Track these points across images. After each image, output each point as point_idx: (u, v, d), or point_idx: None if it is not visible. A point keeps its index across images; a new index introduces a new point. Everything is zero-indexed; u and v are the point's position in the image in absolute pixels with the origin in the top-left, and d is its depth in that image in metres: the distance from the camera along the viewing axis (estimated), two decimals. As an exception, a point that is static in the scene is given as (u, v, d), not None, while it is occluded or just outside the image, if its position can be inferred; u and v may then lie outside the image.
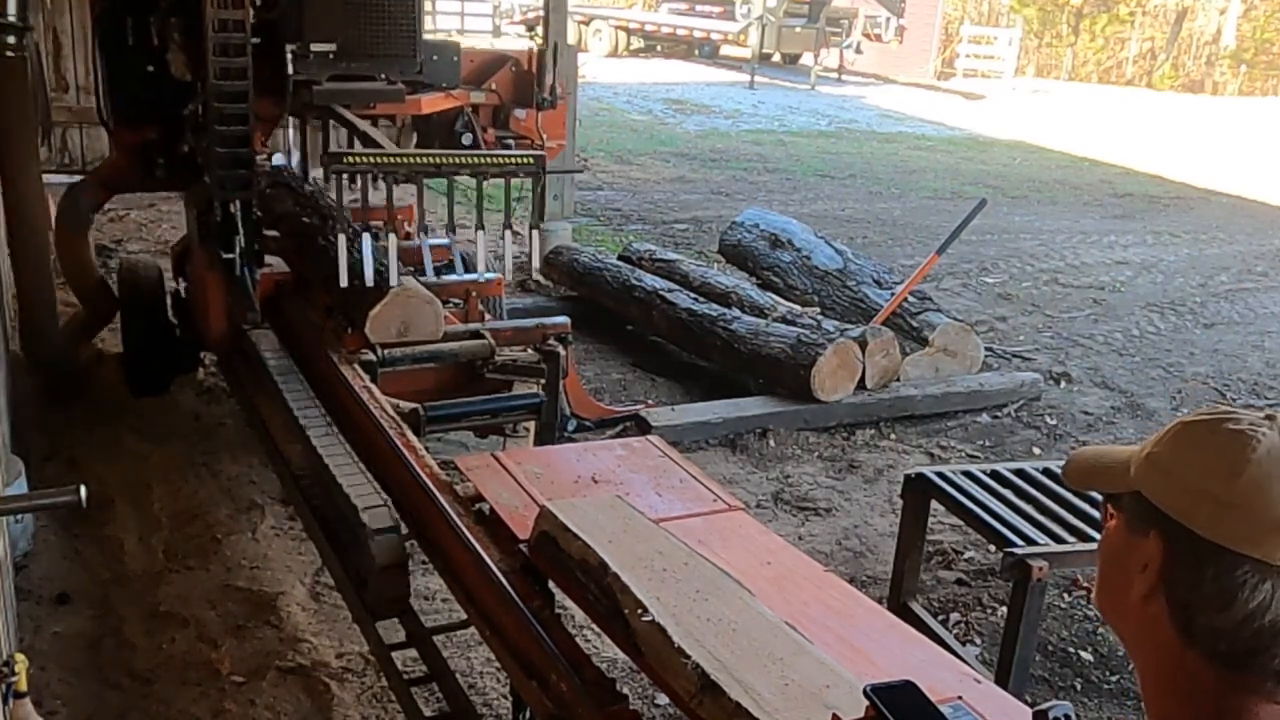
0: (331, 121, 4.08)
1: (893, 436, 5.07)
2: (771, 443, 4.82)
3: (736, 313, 5.53)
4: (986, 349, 5.94)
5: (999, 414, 5.42)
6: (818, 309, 5.90)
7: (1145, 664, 1.08)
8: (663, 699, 2.92)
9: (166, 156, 4.24)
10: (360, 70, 3.81)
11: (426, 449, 2.96)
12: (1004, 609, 3.40)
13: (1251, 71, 26.10)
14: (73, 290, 4.71)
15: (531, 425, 3.67)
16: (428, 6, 8.15)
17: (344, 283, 3.24)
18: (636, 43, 21.93)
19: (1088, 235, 9.59)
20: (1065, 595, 3.78)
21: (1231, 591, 0.97)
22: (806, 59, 21.08)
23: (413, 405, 3.39)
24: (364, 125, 3.87)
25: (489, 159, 3.47)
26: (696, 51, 22.12)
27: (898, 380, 5.28)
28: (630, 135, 12.82)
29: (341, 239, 3.22)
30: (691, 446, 4.66)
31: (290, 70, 3.67)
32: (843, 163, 12.47)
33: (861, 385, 5.12)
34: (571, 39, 12.91)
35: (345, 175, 3.29)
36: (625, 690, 2.11)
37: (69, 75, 7.98)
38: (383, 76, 3.90)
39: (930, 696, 1.37)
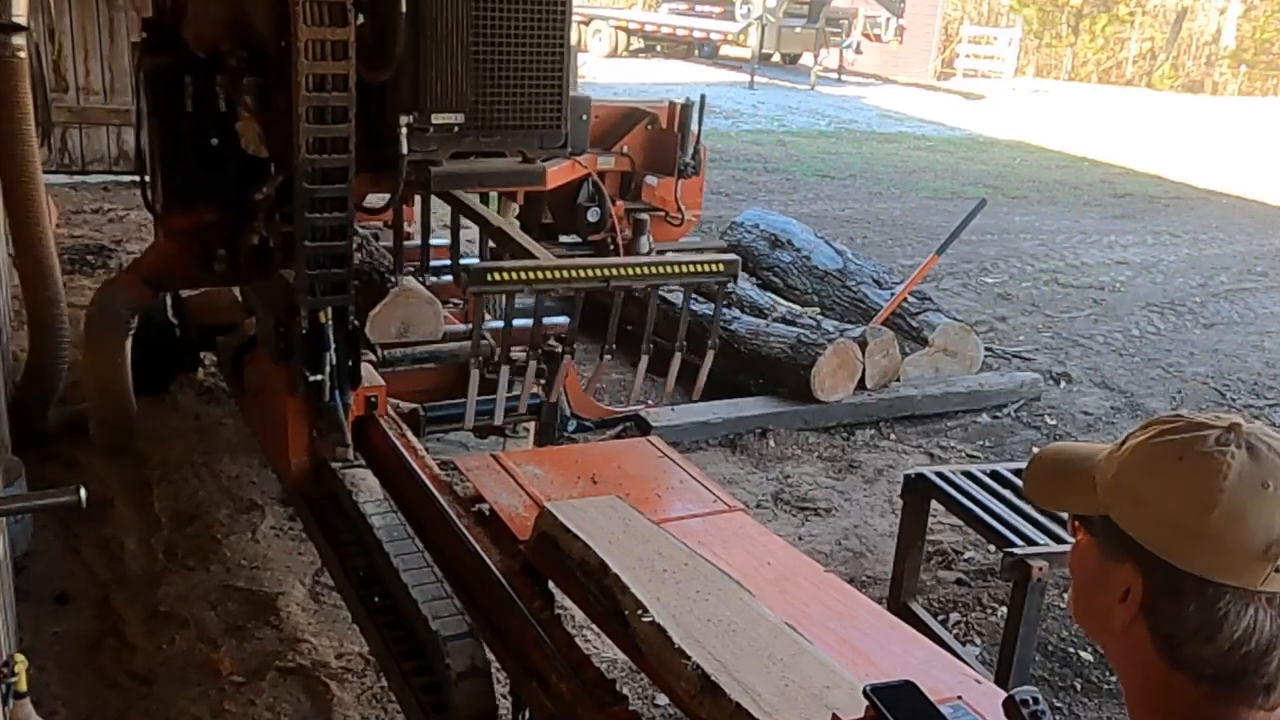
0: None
1: (893, 436, 5.07)
2: (771, 443, 4.82)
3: (736, 313, 5.53)
4: (986, 349, 5.94)
5: (999, 414, 5.43)
6: (818, 309, 5.91)
7: (1129, 680, 1.07)
8: (663, 699, 2.92)
9: (229, 246, 3.38)
10: (490, 145, 3.01)
11: (426, 449, 2.97)
12: (1004, 609, 3.40)
13: (1251, 71, 26.11)
14: (90, 409, 3.80)
15: (531, 425, 3.67)
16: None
17: (469, 426, 2.62)
18: (636, 43, 21.95)
19: (1088, 235, 9.59)
20: (1065, 595, 3.78)
21: (1216, 623, 0.96)
22: (806, 59, 21.09)
23: (413, 405, 3.38)
24: (499, 220, 3.18)
25: (669, 267, 2.77)
26: (696, 51, 22.13)
27: (898, 380, 5.28)
28: (630, 135, 12.81)
29: (474, 373, 2.56)
30: (691, 447, 4.66)
31: (404, 148, 2.84)
32: (843, 163, 12.48)
33: (861, 385, 5.12)
34: (571, 39, 12.89)
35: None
36: (625, 691, 2.11)
37: (69, 75, 7.98)
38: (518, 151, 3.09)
39: (930, 696, 1.37)
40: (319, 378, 2.89)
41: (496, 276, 2.55)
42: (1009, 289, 7.73)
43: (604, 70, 18.14)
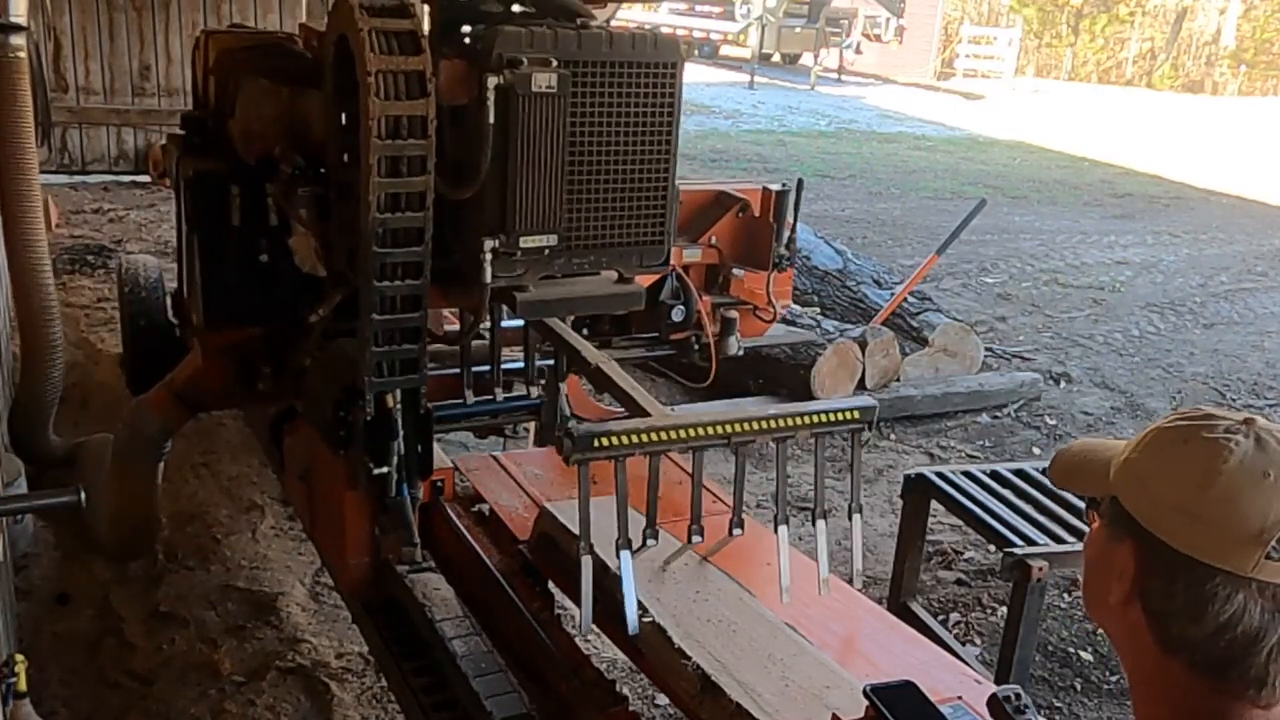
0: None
1: (893, 436, 5.07)
2: (771, 443, 4.81)
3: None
4: (986, 349, 5.94)
5: (999, 414, 5.43)
6: (818, 309, 5.91)
7: (1132, 669, 1.09)
8: (663, 700, 2.92)
9: (275, 365, 2.99)
10: (583, 267, 2.64)
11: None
12: (1004, 609, 3.40)
13: (1251, 71, 26.13)
14: (109, 525, 3.43)
15: (531, 426, 3.67)
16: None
17: (585, 629, 2.13)
18: (636, 43, 21.93)
19: (1088, 235, 9.59)
20: (1065, 595, 3.78)
21: (1203, 603, 0.97)
22: (806, 59, 21.11)
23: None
24: (595, 355, 2.72)
25: (797, 418, 2.43)
26: (696, 51, 22.11)
27: (898, 380, 5.28)
28: (630, 135, 12.81)
29: (586, 562, 2.06)
30: (691, 446, 4.65)
31: (487, 276, 2.41)
32: (843, 163, 12.48)
33: (861, 385, 5.12)
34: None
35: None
36: (625, 691, 2.11)
37: (69, 75, 7.99)
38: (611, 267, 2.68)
39: (930, 696, 1.37)
40: (384, 470, 2.46)
41: (605, 442, 2.13)
42: (1009, 289, 7.73)
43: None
